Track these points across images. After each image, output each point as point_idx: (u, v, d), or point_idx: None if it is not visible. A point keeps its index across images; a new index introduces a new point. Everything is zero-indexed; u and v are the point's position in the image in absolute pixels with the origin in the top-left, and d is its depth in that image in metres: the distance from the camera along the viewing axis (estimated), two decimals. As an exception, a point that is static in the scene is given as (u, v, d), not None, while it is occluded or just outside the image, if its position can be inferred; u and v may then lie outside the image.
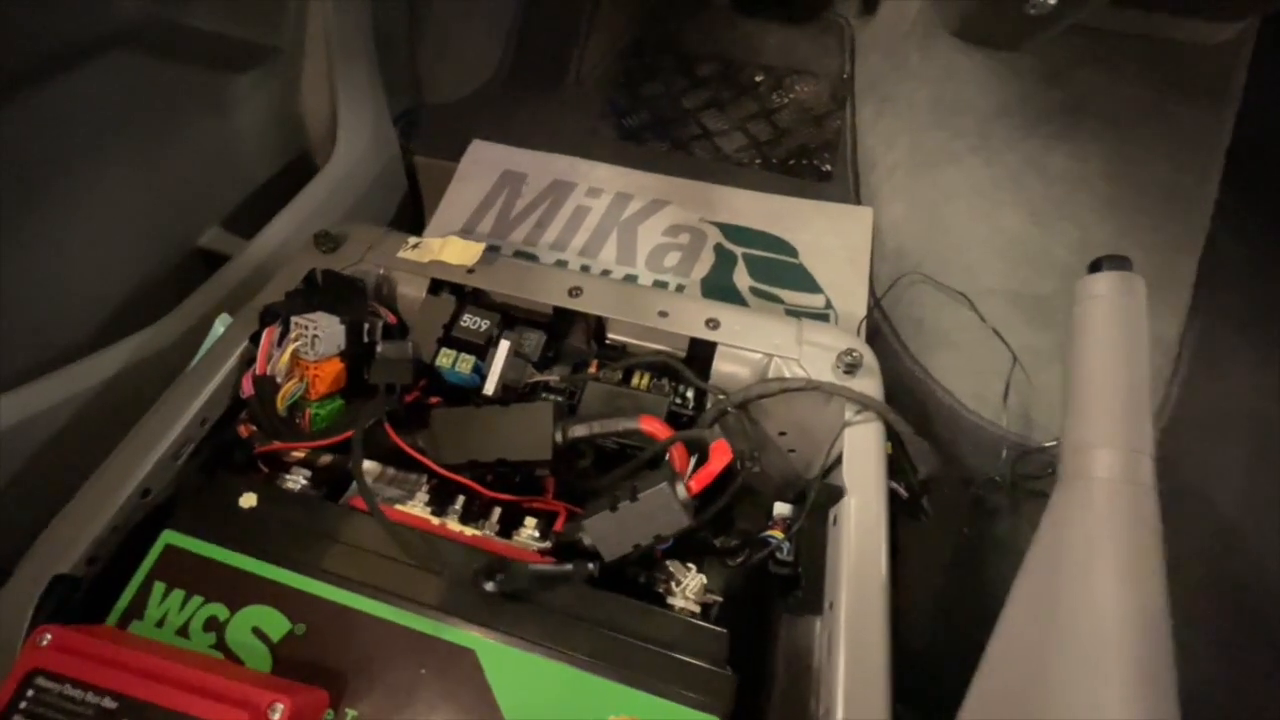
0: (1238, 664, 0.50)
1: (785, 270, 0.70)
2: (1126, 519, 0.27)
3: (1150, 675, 0.24)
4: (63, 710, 0.28)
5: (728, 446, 0.35)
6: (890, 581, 0.34)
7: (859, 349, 0.43)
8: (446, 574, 0.34)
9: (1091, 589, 0.26)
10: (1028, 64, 0.69)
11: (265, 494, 0.38)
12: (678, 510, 0.32)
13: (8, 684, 0.28)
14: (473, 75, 0.86)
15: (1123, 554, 0.26)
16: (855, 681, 0.31)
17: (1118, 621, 0.25)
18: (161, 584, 0.34)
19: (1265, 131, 0.68)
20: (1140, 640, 0.25)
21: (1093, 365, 0.31)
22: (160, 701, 0.28)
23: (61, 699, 0.28)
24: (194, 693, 0.28)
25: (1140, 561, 0.26)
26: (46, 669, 0.29)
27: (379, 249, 0.50)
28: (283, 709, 0.28)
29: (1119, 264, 0.33)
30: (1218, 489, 0.57)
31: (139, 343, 0.50)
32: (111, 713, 0.28)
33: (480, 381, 0.45)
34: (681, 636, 0.33)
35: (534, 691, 0.31)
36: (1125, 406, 0.30)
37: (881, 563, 0.35)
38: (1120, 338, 0.31)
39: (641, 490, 0.33)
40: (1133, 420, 0.29)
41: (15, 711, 0.28)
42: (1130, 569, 0.26)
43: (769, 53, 0.88)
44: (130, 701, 0.28)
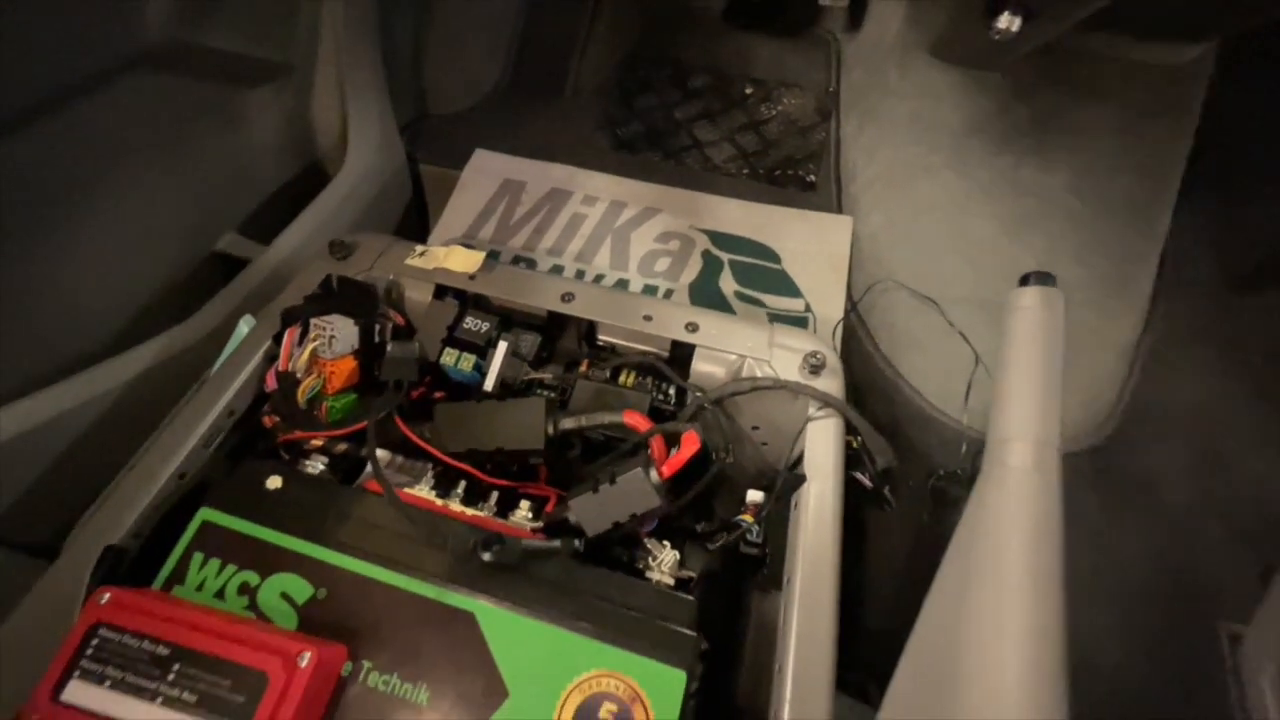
0: (1175, 643, 0.55)
1: (768, 276, 0.74)
2: (1033, 501, 0.32)
3: (1044, 633, 0.29)
4: (121, 656, 0.32)
5: (696, 436, 0.40)
6: (839, 558, 0.39)
7: (823, 351, 0.47)
8: (449, 547, 0.39)
9: (1000, 561, 0.31)
10: (999, 82, 0.73)
11: (289, 477, 0.42)
12: (650, 492, 0.37)
13: (73, 635, 0.33)
14: (475, 87, 0.90)
15: (1027, 530, 0.31)
16: (805, 641, 0.36)
17: (1019, 589, 0.30)
18: (200, 554, 0.39)
19: (1222, 149, 0.72)
20: (1037, 605, 0.29)
21: (1014, 368, 0.35)
22: (205, 649, 0.32)
23: (120, 646, 0.33)
24: (234, 642, 0.33)
25: (1042, 537, 0.31)
26: (107, 622, 0.33)
27: (388, 257, 0.54)
28: (309, 656, 0.32)
29: (1044, 279, 0.37)
30: (1164, 481, 0.61)
31: (168, 340, 0.55)
32: (164, 659, 0.32)
33: (480, 379, 0.50)
34: (655, 604, 0.37)
35: (525, 648, 0.36)
36: (1039, 405, 0.34)
37: (833, 542, 0.39)
38: (1038, 345, 0.36)
39: (619, 474, 0.37)
40: (1044, 417, 0.34)
41: (82, 657, 0.32)
42: (1033, 543, 0.31)
43: (759, 66, 0.92)
44: (179, 649, 0.32)
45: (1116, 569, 0.56)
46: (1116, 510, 0.59)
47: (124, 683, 0.32)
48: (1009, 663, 0.29)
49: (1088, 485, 0.60)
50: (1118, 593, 0.55)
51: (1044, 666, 0.29)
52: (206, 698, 0.32)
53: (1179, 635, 0.54)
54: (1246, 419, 0.62)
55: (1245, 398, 0.63)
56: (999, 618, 0.29)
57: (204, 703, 0.31)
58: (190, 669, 0.32)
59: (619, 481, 0.37)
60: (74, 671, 0.32)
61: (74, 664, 0.32)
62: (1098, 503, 0.59)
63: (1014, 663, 0.29)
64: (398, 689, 0.35)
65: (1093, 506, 0.59)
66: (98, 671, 0.32)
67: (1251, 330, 0.67)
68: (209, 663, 0.32)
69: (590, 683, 0.35)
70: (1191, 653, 0.54)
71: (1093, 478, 0.60)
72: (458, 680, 0.35)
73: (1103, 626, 0.55)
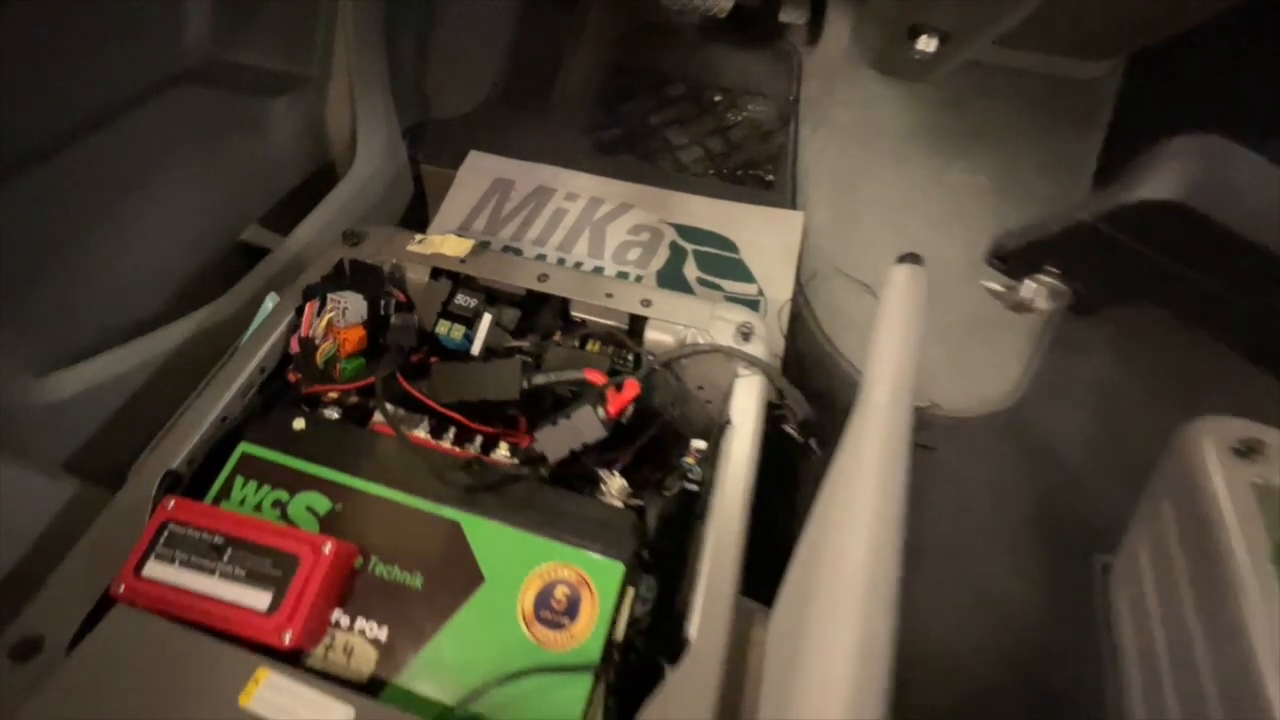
0: (1058, 573, 0.64)
1: (727, 264, 0.84)
2: (887, 427, 0.41)
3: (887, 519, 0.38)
4: (185, 544, 0.42)
5: (636, 383, 0.49)
6: (752, 483, 0.48)
7: (752, 321, 0.57)
8: (441, 472, 0.48)
9: (857, 471, 0.40)
10: (933, 93, 0.82)
11: (310, 420, 0.52)
12: (598, 424, 0.47)
13: (149, 529, 0.43)
14: (471, 95, 0.99)
15: (880, 449, 0.40)
16: (717, 552, 0.45)
17: (870, 489, 0.39)
18: (241, 478, 0.49)
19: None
20: (883, 499, 0.39)
21: (883, 329, 0.44)
22: (251, 538, 0.42)
23: (184, 537, 0.42)
24: (273, 535, 0.42)
25: (892, 456, 0.40)
26: (174, 520, 0.43)
27: (392, 244, 0.64)
28: (331, 546, 0.42)
29: (913, 259, 0.46)
30: (1060, 443, 0.70)
31: (207, 313, 0.65)
32: (219, 546, 0.42)
33: (469, 346, 0.59)
34: (602, 514, 0.47)
35: (498, 547, 0.45)
36: (899, 357, 0.43)
37: (747, 471, 0.48)
38: (903, 310, 0.45)
39: (574, 410, 0.47)
40: (902, 366, 0.43)
41: (156, 545, 0.42)
42: (884, 459, 0.40)
43: (729, 76, 1.02)
44: (230, 539, 0.42)
45: (1012, 511, 0.66)
46: (1017, 463, 0.68)
47: (189, 562, 0.42)
48: (858, 544, 0.38)
49: (995, 442, 0.70)
50: (1012, 531, 0.65)
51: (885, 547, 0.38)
52: (252, 573, 0.41)
53: (1062, 566, 0.64)
54: (1139, 385, 0.71)
55: (1138, 368, 0.72)
56: (852, 510, 0.39)
57: (250, 577, 0.41)
58: (239, 553, 0.42)
59: (573, 416, 0.47)
60: (150, 555, 0.42)
61: (150, 550, 0.42)
62: (1002, 456, 0.69)
63: (862, 544, 0.38)
64: (398, 576, 0.45)
65: (997, 459, 0.69)
66: (169, 554, 0.42)
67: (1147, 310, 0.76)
68: (253, 548, 0.42)
69: (548, 571, 0.44)
70: (1071, 581, 0.63)
71: (999, 436, 0.70)
72: (445, 570, 0.45)
73: (997, 560, 0.64)
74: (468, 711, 0.40)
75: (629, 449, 0.53)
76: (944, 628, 0.61)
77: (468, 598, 0.44)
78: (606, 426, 0.47)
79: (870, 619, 0.35)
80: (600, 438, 0.47)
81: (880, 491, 0.39)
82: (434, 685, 0.41)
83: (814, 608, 0.38)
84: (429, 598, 0.44)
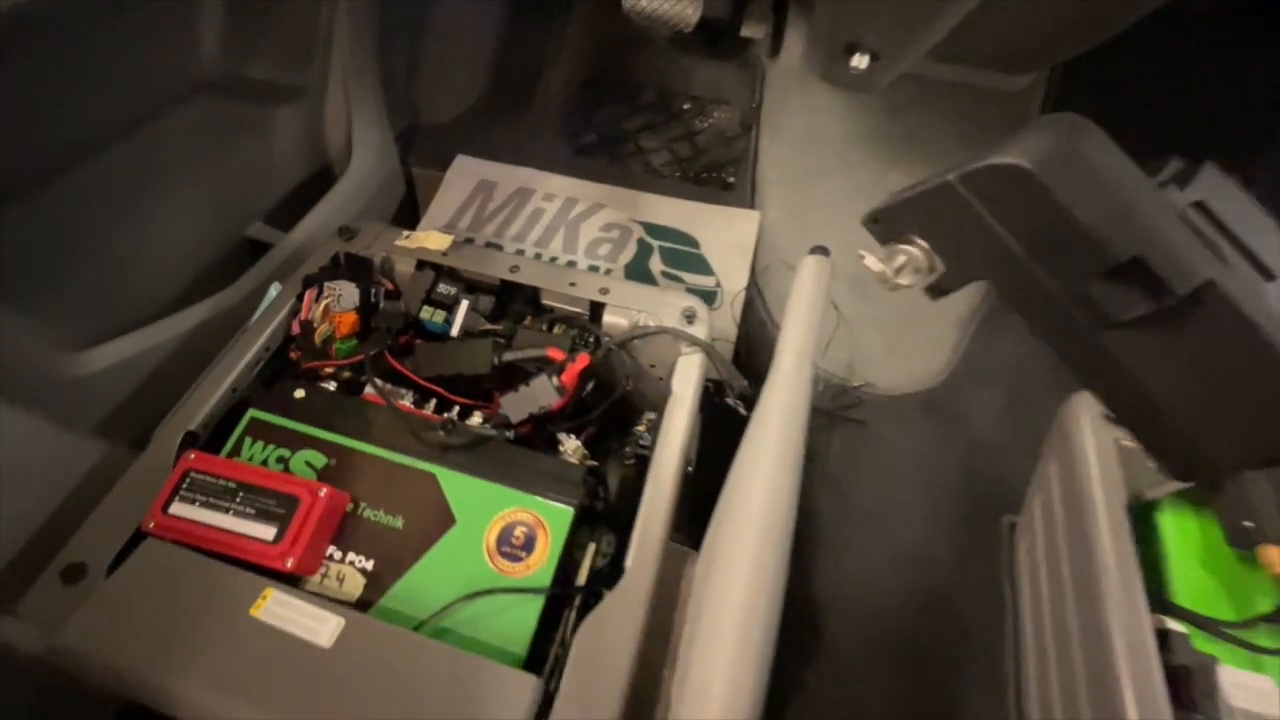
0: (971, 530, 0.72)
1: (689, 258, 0.92)
2: (791, 390, 0.49)
3: (786, 466, 0.46)
4: (204, 487, 0.50)
5: (587, 356, 0.57)
6: (687, 442, 0.56)
7: (695, 306, 0.65)
8: (420, 433, 0.57)
9: (764, 427, 0.48)
10: (875, 103, 0.91)
11: (310, 390, 0.60)
12: (552, 390, 0.55)
13: (173, 476, 0.51)
14: (457, 103, 1.08)
15: (785, 406, 0.48)
16: (653, 500, 0.53)
17: (773, 439, 0.47)
18: (249, 438, 0.57)
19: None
20: (784, 447, 0.47)
21: (792, 309, 0.53)
22: (259, 484, 0.50)
23: (204, 482, 0.51)
24: (277, 481, 0.51)
25: (793, 412, 0.48)
26: (194, 468, 0.51)
27: (382, 239, 0.72)
28: (326, 491, 0.50)
29: (821, 251, 0.54)
30: (978, 417, 0.79)
31: (217, 300, 0.73)
32: (232, 489, 0.50)
33: (448, 328, 0.67)
34: (557, 469, 0.55)
35: (467, 495, 0.54)
36: (804, 332, 0.51)
37: (682, 432, 0.57)
38: (809, 294, 0.53)
39: (533, 379, 0.55)
40: (805, 339, 0.51)
41: (180, 488, 0.50)
42: (787, 415, 0.48)
43: (697, 85, 1.10)
44: (243, 484, 0.50)
45: (933, 478, 0.74)
46: (940, 434, 0.77)
47: (208, 503, 0.50)
48: (759, 485, 0.46)
49: (921, 417, 0.78)
50: (931, 494, 0.73)
51: (783, 488, 0.46)
52: (260, 511, 0.49)
53: (975, 525, 0.72)
54: (1046, 367, 0.79)
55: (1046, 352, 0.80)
56: (757, 458, 0.47)
57: (259, 514, 0.49)
58: (249, 495, 0.50)
59: (532, 384, 0.55)
60: (175, 497, 0.50)
61: (175, 493, 0.50)
62: (927, 429, 0.77)
63: (762, 485, 0.46)
64: (383, 519, 0.53)
65: (922, 432, 0.77)
66: (190, 496, 0.50)
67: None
68: (261, 492, 0.50)
69: (509, 515, 0.53)
70: (983, 537, 0.71)
71: (925, 411, 0.78)
72: (422, 514, 0.53)
73: (918, 519, 0.72)
74: (439, 624, 0.48)
75: (590, 418, 0.61)
76: (870, 576, 0.70)
77: (441, 536, 0.52)
78: (560, 393, 0.55)
79: (763, 547, 0.44)
80: (555, 402, 0.55)
81: (781, 440, 0.48)
82: (412, 606, 0.49)
83: (722, 536, 0.46)
84: (409, 536, 0.52)
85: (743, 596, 0.42)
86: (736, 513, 0.46)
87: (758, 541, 0.44)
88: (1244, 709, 0.52)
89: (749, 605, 0.42)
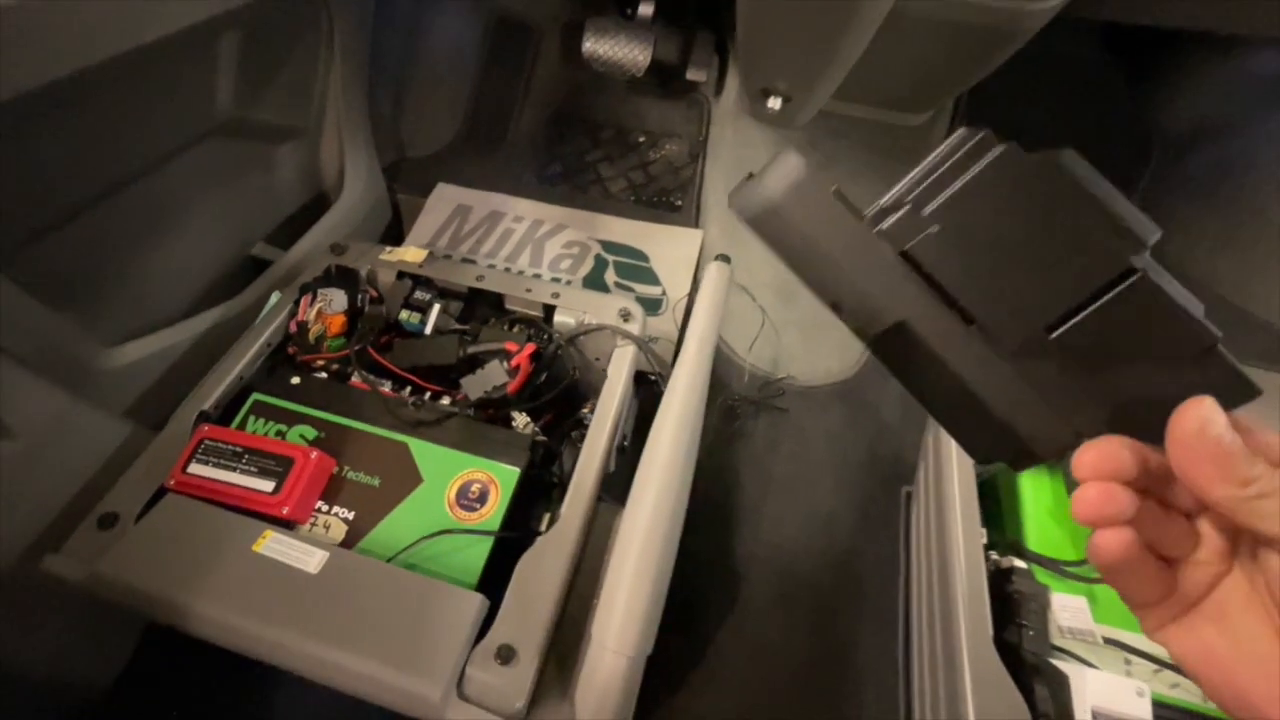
0: (874, 501, 0.84)
1: (640, 271, 1.05)
2: (694, 365, 0.62)
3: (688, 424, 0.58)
4: (217, 452, 0.62)
5: (534, 346, 0.70)
6: (616, 422, 0.68)
7: (630, 307, 0.77)
8: (395, 410, 0.68)
9: (673, 392, 0.60)
10: (796, 136, 1.05)
11: (304, 377, 0.72)
12: (502, 373, 0.67)
13: (192, 443, 0.62)
14: (438, 139, 1.22)
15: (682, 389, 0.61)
16: (585, 464, 0.64)
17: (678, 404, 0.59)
18: (253, 416, 0.68)
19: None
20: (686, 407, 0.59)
21: (698, 305, 0.65)
22: (262, 448, 0.62)
23: (216, 448, 0.62)
24: (276, 446, 0.62)
25: (690, 391, 0.60)
26: (208, 437, 0.63)
27: (368, 254, 0.85)
28: (316, 454, 0.62)
29: (723, 259, 0.67)
30: (884, 404, 0.91)
31: (225, 308, 0.85)
32: (239, 453, 0.62)
33: (423, 328, 0.80)
34: (508, 438, 0.67)
35: (434, 460, 0.65)
36: (706, 322, 0.64)
37: (613, 408, 0.69)
38: (712, 293, 0.66)
39: (487, 363, 0.67)
40: (708, 327, 0.63)
41: (196, 452, 0.62)
42: (684, 394, 0.60)
43: (650, 121, 1.24)
44: (248, 449, 0.62)
45: (843, 456, 0.86)
46: (851, 419, 0.89)
47: (219, 463, 0.61)
48: (665, 438, 0.58)
49: (835, 404, 0.90)
50: (840, 470, 0.85)
51: (683, 440, 0.58)
52: (262, 470, 0.61)
53: (877, 495, 0.84)
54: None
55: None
56: (666, 415, 0.59)
57: (260, 472, 0.61)
58: (253, 458, 0.61)
59: (486, 367, 0.67)
60: (192, 460, 0.62)
61: (192, 456, 0.62)
62: (839, 414, 0.89)
63: (667, 438, 0.58)
64: (363, 479, 0.64)
65: (835, 417, 0.89)
66: (205, 459, 0.62)
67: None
68: (263, 454, 0.62)
69: (467, 475, 0.64)
70: (883, 506, 0.83)
71: (838, 400, 0.90)
72: (395, 474, 0.64)
73: (828, 490, 0.84)
74: (407, 559, 0.59)
75: (541, 401, 0.73)
76: (784, 539, 0.81)
77: (411, 492, 0.64)
78: (510, 374, 0.68)
79: (664, 487, 0.55)
80: (506, 381, 0.68)
81: (684, 404, 0.60)
82: (384, 547, 0.61)
83: (635, 483, 0.58)
84: (384, 492, 0.64)
85: (644, 529, 0.54)
86: (646, 463, 0.58)
87: (659, 484, 0.56)
88: (1069, 627, 0.64)
89: (647, 536, 0.53)
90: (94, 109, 0.69)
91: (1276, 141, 0.96)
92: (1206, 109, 1.01)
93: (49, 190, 0.68)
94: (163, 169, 0.81)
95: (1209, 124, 1.02)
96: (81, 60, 0.59)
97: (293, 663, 0.52)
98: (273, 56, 0.90)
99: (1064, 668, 0.60)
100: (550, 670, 0.55)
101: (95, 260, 0.75)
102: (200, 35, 0.73)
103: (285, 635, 0.52)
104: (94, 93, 0.67)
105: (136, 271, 0.79)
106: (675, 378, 0.62)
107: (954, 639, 0.60)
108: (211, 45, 0.79)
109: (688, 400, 0.60)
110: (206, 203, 0.89)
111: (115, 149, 0.74)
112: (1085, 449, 0.23)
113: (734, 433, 0.89)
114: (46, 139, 0.65)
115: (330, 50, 0.95)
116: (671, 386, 0.62)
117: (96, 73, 0.62)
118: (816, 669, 0.70)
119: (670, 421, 0.59)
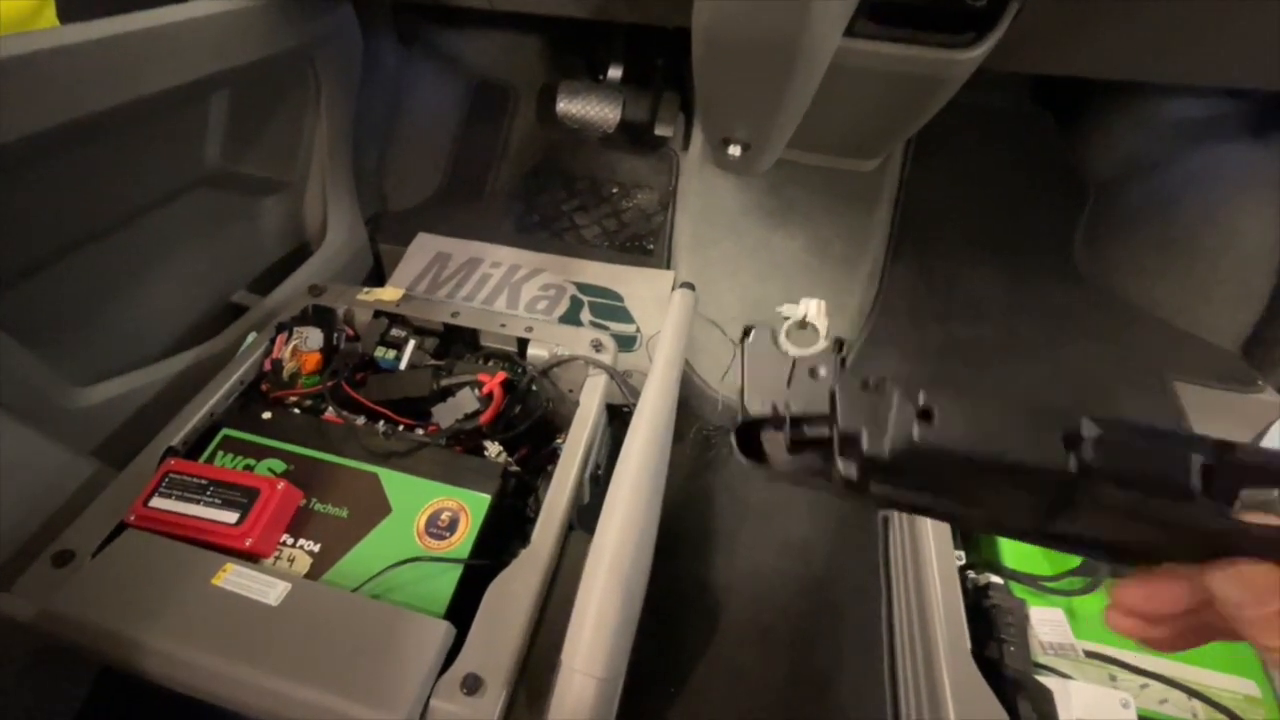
0: (849, 528, 0.84)
1: (614, 310, 1.08)
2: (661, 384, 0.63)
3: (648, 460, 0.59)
4: (181, 485, 0.61)
5: (505, 374, 0.71)
6: (589, 450, 0.69)
7: (602, 338, 0.80)
8: (365, 441, 0.68)
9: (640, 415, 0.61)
10: (758, 183, 1.12)
11: (275, 413, 0.72)
12: (474, 400, 0.68)
13: (156, 478, 0.62)
14: (420, 192, 1.27)
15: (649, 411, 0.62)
16: (556, 491, 0.65)
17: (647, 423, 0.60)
18: (221, 452, 0.68)
19: (910, 222, 1.10)
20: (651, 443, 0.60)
21: (665, 330, 0.68)
22: (228, 480, 0.61)
23: (181, 481, 0.61)
24: (242, 478, 0.62)
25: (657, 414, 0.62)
26: (173, 471, 0.62)
27: (346, 294, 0.87)
28: (283, 485, 0.61)
29: (687, 286, 0.71)
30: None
31: (200, 350, 0.86)
32: (204, 485, 0.61)
33: (398, 364, 0.81)
34: (479, 466, 0.67)
35: (404, 490, 0.65)
36: (672, 346, 0.66)
37: (584, 441, 0.69)
38: (678, 317, 0.69)
39: (459, 391, 0.68)
40: (675, 350, 0.66)
41: (160, 486, 0.61)
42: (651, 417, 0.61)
43: (623, 174, 1.32)
44: (213, 480, 0.61)
45: (814, 481, 0.87)
46: (820, 447, 0.90)
47: (184, 496, 0.60)
48: (634, 456, 0.59)
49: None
50: (814, 497, 0.85)
51: (652, 456, 0.59)
52: (226, 501, 0.60)
53: (854, 519, 0.84)
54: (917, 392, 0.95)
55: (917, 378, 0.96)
56: (635, 434, 0.60)
57: (225, 503, 0.60)
58: (218, 489, 0.61)
59: (457, 395, 0.68)
60: (155, 493, 0.61)
61: (155, 489, 0.61)
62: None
63: (635, 455, 0.59)
64: (331, 510, 0.64)
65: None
66: (168, 493, 0.61)
67: (929, 340, 1.02)
68: (228, 486, 0.61)
69: (437, 503, 0.64)
70: (860, 530, 0.83)
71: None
72: (364, 505, 0.64)
73: (800, 517, 0.84)
74: (373, 590, 0.58)
75: (515, 433, 0.74)
76: (759, 566, 0.80)
77: (380, 522, 0.63)
78: (481, 402, 0.69)
79: (624, 526, 0.55)
80: (476, 408, 0.68)
81: (651, 424, 0.61)
82: (350, 578, 0.59)
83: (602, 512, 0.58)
84: (352, 523, 0.63)
85: (612, 545, 0.54)
86: (616, 481, 0.59)
87: (627, 500, 0.56)
88: (1050, 642, 0.63)
89: (616, 551, 0.53)
90: (85, 157, 0.72)
91: (1198, 178, 1.04)
92: (1132, 150, 1.10)
93: (35, 233, 0.70)
94: (148, 216, 0.83)
95: (1137, 164, 1.11)
96: (79, 110, 0.62)
97: (248, 698, 0.50)
98: (261, 113, 0.95)
99: (1047, 682, 0.59)
100: (521, 701, 0.53)
101: (74, 302, 0.76)
102: (193, 91, 0.78)
103: (239, 669, 0.50)
104: (86, 141, 0.71)
105: (115, 314, 0.80)
106: (644, 396, 0.64)
107: (933, 655, 0.60)
108: (203, 101, 0.84)
109: (656, 416, 0.61)
110: (189, 250, 0.91)
111: (103, 196, 0.77)
112: (1126, 589, 0.23)
113: (709, 461, 0.89)
114: (36, 184, 0.68)
115: (317, 109, 1.01)
116: (640, 405, 0.64)
117: (91, 122, 0.66)
118: (798, 697, 0.68)
119: (639, 438, 0.60)
